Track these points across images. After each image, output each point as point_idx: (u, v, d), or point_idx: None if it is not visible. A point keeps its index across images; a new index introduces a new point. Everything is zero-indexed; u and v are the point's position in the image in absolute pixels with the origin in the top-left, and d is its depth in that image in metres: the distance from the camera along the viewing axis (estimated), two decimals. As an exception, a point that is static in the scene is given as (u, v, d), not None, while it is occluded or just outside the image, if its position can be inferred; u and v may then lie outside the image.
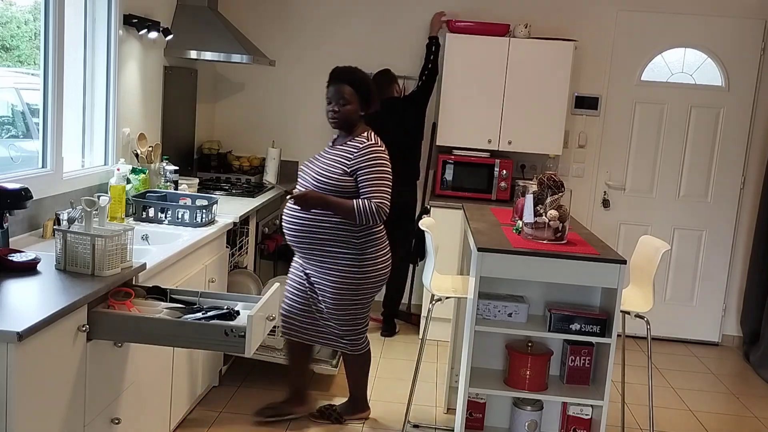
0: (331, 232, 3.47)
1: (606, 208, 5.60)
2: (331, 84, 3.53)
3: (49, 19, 3.29)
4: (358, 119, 3.54)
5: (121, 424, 2.75)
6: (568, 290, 3.35)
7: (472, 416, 3.42)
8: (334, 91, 3.50)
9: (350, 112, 3.50)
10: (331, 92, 3.51)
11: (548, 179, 3.22)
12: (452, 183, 5.31)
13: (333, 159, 3.49)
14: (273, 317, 2.68)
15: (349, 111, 3.49)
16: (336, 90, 3.50)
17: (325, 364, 4.24)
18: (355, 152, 3.44)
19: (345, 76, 3.52)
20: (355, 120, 3.53)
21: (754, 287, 5.35)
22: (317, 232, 3.48)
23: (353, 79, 3.51)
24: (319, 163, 3.55)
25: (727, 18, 5.32)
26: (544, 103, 5.18)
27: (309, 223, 3.48)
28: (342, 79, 3.50)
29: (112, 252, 2.64)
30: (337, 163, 3.46)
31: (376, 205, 3.38)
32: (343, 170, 3.42)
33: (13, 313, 2.20)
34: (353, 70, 3.57)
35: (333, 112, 3.50)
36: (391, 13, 5.46)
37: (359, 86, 3.51)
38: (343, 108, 3.48)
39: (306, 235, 3.50)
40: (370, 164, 3.42)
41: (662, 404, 4.42)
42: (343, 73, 3.53)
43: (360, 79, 3.54)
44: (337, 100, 3.48)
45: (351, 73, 3.54)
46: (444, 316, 4.36)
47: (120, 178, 3.78)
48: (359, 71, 3.58)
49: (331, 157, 3.51)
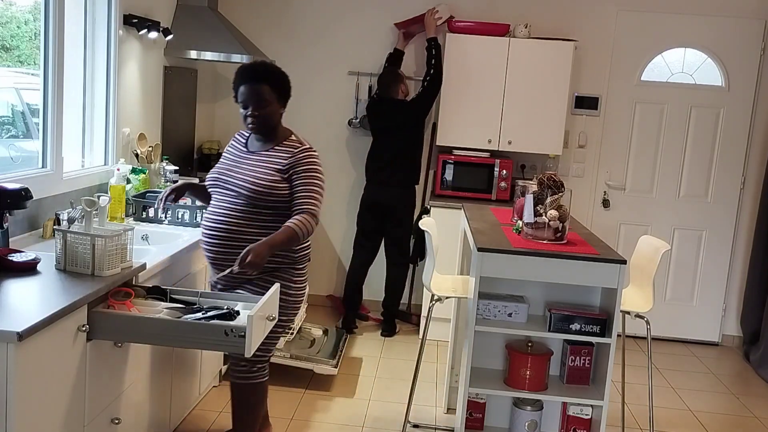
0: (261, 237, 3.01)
1: (606, 208, 5.60)
2: (243, 85, 3.05)
3: (49, 19, 3.30)
4: (280, 119, 3.15)
5: (121, 424, 2.75)
6: (568, 290, 3.35)
7: (472, 416, 3.42)
8: (249, 93, 3.04)
9: (272, 113, 3.08)
10: (246, 94, 3.04)
11: (548, 179, 3.22)
12: (452, 183, 5.31)
13: (263, 164, 3.06)
14: (273, 317, 2.68)
15: (270, 113, 3.07)
16: (252, 91, 3.03)
17: (324, 364, 4.24)
18: (290, 157, 3.06)
19: (260, 74, 3.07)
20: (278, 121, 3.13)
21: (754, 287, 5.35)
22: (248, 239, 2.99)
23: (270, 77, 3.08)
24: (242, 169, 3.09)
25: (727, 18, 5.32)
26: (544, 103, 5.18)
27: (233, 236, 3.04)
28: (257, 79, 3.04)
29: (112, 252, 2.65)
30: (270, 168, 3.04)
31: (309, 214, 3.00)
32: (279, 176, 3.03)
33: (13, 313, 2.20)
34: (267, 66, 3.14)
35: (253, 117, 3.05)
36: (391, 13, 5.46)
37: (277, 83, 3.09)
38: (264, 110, 3.05)
39: (228, 251, 3.03)
40: (306, 169, 3.05)
41: (662, 404, 4.42)
42: (257, 72, 3.07)
43: (276, 74, 3.11)
44: (256, 103, 3.03)
45: (266, 70, 3.10)
46: (444, 316, 4.36)
47: (120, 178, 3.78)
48: (273, 66, 3.17)
49: (260, 162, 3.08)
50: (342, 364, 4.49)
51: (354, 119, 5.56)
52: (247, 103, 3.04)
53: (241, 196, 3.03)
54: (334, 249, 5.75)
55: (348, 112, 5.59)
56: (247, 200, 3.02)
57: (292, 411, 3.94)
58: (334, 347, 4.56)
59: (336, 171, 5.65)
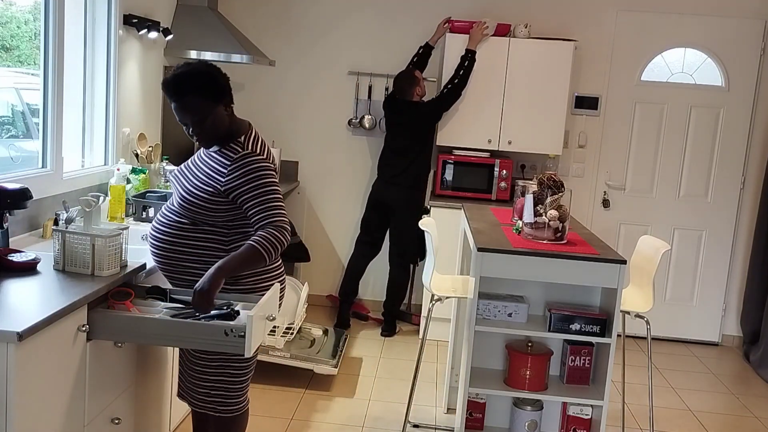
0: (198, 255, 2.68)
1: (606, 208, 5.60)
2: (171, 100, 2.61)
3: (49, 19, 3.30)
4: (229, 120, 2.67)
5: (121, 424, 2.74)
6: (568, 290, 3.35)
7: (472, 416, 3.42)
8: (181, 110, 2.60)
9: (215, 121, 2.62)
10: (178, 112, 2.61)
11: (548, 179, 3.22)
12: (452, 183, 5.31)
13: (203, 173, 2.67)
14: (273, 317, 2.68)
15: (213, 122, 2.61)
16: (181, 108, 2.59)
17: (324, 364, 4.24)
18: (229, 165, 2.61)
19: (182, 86, 2.58)
20: (227, 123, 2.66)
21: (754, 287, 5.34)
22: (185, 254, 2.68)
23: (193, 84, 2.58)
24: (189, 173, 2.74)
25: (727, 18, 5.32)
26: (544, 103, 5.18)
27: (169, 248, 2.69)
28: (181, 92, 2.58)
29: (112, 252, 2.65)
30: (207, 178, 2.64)
31: (275, 227, 2.57)
32: (213, 189, 2.61)
33: (13, 313, 2.20)
34: (187, 73, 2.60)
35: (198, 136, 2.64)
36: (391, 12, 5.46)
37: (205, 88, 2.60)
38: (203, 123, 2.61)
39: (172, 257, 2.71)
40: (250, 179, 2.59)
41: (662, 404, 4.42)
42: (178, 84, 2.59)
43: (200, 77, 2.61)
44: (193, 119, 2.60)
45: (187, 79, 2.59)
46: (444, 316, 4.36)
47: (120, 178, 3.78)
48: (194, 68, 2.63)
49: (201, 169, 2.69)
50: (342, 364, 4.49)
51: (354, 119, 5.56)
52: (185, 122, 2.63)
53: (178, 204, 2.68)
54: (333, 249, 5.75)
55: (348, 112, 5.59)
56: (181, 209, 2.66)
57: (292, 411, 3.94)
58: (334, 347, 4.56)
59: (336, 171, 5.66)
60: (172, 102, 2.61)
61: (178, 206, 2.68)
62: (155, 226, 2.74)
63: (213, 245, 2.66)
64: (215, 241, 2.67)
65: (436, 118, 5.12)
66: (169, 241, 2.68)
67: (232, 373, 2.77)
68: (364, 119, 5.52)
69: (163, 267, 2.75)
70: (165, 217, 2.72)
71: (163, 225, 2.71)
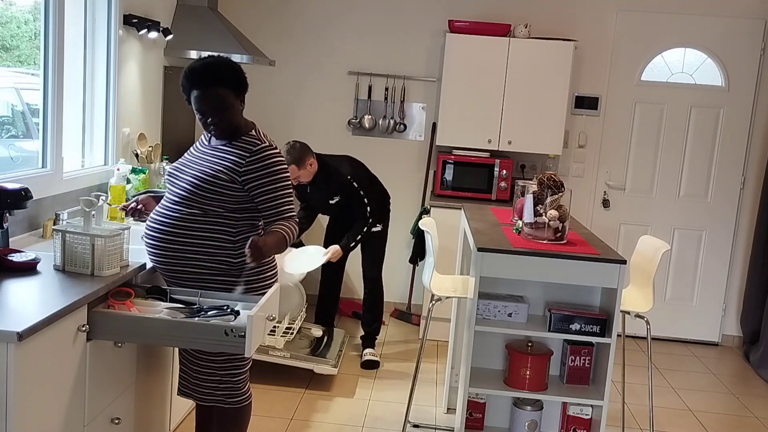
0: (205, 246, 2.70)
1: (606, 208, 5.60)
2: (195, 89, 2.67)
3: (49, 19, 3.30)
4: (242, 116, 2.77)
5: (121, 424, 2.75)
6: (568, 290, 3.35)
7: (472, 416, 3.42)
8: (205, 99, 2.66)
9: (234, 115, 2.71)
10: (201, 101, 2.67)
11: (548, 179, 3.22)
12: (452, 183, 5.31)
13: (217, 161, 2.71)
14: (273, 317, 2.68)
15: (233, 115, 2.70)
16: (207, 97, 2.66)
17: (324, 364, 4.23)
18: (248, 156, 2.68)
19: (213, 75, 2.66)
20: (240, 119, 2.75)
21: (754, 287, 5.35)
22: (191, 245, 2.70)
23: (224, 76, 2.67)
24: (194, 164, 2.77)
25: (727, 18, 5.32)
26: (544, 103, 5.18)
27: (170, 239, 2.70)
28: (211, 82, 2.65)
29: (112, 252, 2.65)
30: (222, 167, 2.68)
31: (293, 222, 2.71)
32: (228, 178, 2.66)
33: (13, 313, 2.20)
34: (219, 64, 2.69)
35: (215, 126, 2.70)
36: (391, 12, 5.46)
37: (233, 81, 2.69)
38: (225, 115, 2.68)
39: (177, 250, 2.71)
40: (271, 171, 2.68)
41: (662, 404, 4.42)
42: (209, 73, 2.66)
43: (230, 70, 2.70)
44: (214, 109, 2.67)
45: (219, 69, 2.68)
46: (444, 316, 4.36)
47: (120, 178, 3.78)
48: (224, 61, 2.72)
49: (213, 157, 2.73)
50: (342, 364, 4.49)
51: (354, 119, 5.56)
52: (205, 111, 2.68)
53: (184, 195, 2.69)
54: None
55: (348, 112, 5.59)
56: (189, 199, 2.68)
57: (292, 411, 3.94)
58: (334, 347, 4.56)
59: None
60: (196, 90, 2.66)
61: (185, 198, 2.69)
62: (154, 225, 2.74)
63: (221, 236, 2.70)
64: (223, 232, 2.70)
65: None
66: (173, 233, 2.69)
67: (237, 365, 2.85)
68: (364, 119, 5.52)
69: (164, 263, 2.75)
70: (165, 213, 2.73)
71: (165, 218, 2.71)
